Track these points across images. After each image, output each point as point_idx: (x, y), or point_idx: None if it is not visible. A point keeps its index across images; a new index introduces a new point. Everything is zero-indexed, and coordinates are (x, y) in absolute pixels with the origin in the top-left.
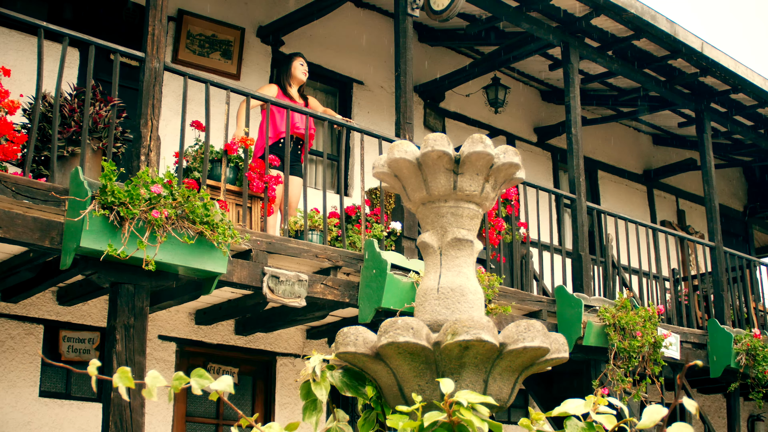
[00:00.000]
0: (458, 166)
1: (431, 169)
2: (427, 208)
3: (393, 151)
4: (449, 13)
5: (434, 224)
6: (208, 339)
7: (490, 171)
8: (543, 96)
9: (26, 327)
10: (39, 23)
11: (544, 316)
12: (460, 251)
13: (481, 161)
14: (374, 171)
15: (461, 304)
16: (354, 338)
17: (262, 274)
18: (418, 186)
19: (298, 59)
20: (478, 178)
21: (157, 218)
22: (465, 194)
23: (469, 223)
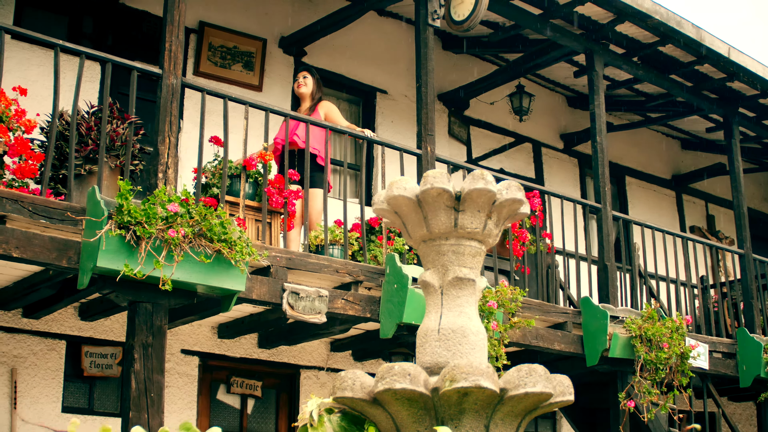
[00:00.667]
0: (459, 203)
1: (431, 207)
2: (427, 246)
3: (392, 188)
4: (470, 23)
5: (435, 262)
6: (231, 353)
7: (492, 207)
8: (569, 102)
9: (48, 343)
10: (55, 41)
11: (570, 328)
12: (462, 290)
13: (482, 198)
14: (374, 207)
15: (462, 346)
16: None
17: (281, 290)
18: (418, 223)
19: (297, 76)
20: (480, 215)
21: (174, 237)
22: (466, 232)
23: (471, 261)
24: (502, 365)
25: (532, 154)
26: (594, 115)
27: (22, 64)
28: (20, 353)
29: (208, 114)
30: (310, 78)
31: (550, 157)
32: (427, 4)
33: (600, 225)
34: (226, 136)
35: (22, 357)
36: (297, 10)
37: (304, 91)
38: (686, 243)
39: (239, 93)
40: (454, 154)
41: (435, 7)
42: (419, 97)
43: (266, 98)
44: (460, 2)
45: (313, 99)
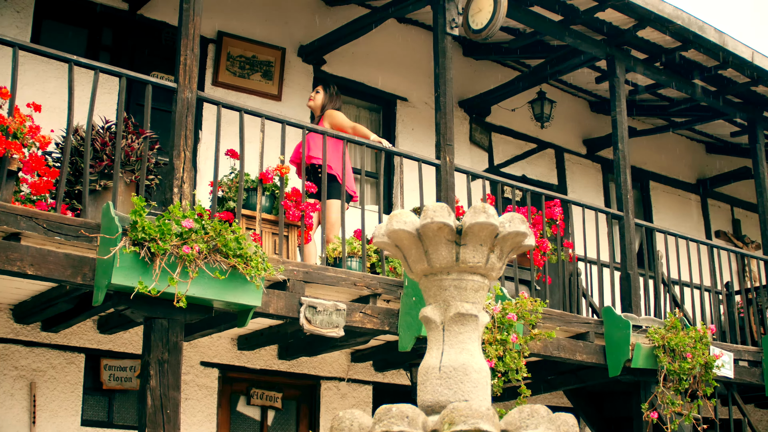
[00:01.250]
0: (461, 237)
1: (432, 241)
2: (429, 280)
3: (392, 222)
4: (488, 32)
5: (437, 297)
6: (251, 364)
7: (495, 241)
8: (591, 107)
9: (67, 356)
10: (69, 57)
11: (592, 338)
12: (464, 326)
13: (484, 232)
14: (375, 240)
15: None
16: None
17: (299, 304)
18: (419, 257)
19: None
20: (482, 249)
21: (189, 254)
22: (468, 266)
23: (473, 295)
24: (522, 378)
25: (554, 160)
26: (616, 121)
27: (40, 76)
28: (39, 367)
29: (228, 124)
30: (321, 93)
31: (573, 162)
32: (445, 13)
33: (622, 233)
34: (242, 149)
35: (41, 371)
36: (316, 18)
37: (312, 105)
38: (711, 250)
39: (258, 103)
40: (475, 161)
41: (453, 15)
42: (438, 106)
43: (285, 108)
44: (478, 11)
45: (322, 111)
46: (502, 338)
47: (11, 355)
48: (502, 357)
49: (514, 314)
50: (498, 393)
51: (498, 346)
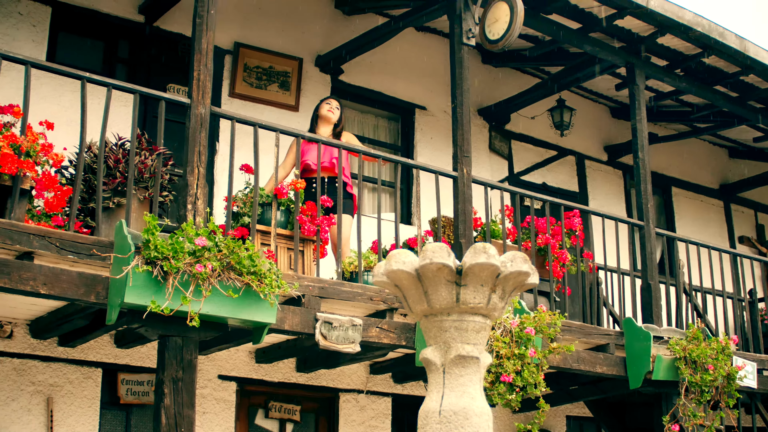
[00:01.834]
0: (461, 277)
1: (431, 282)
2: (429, 321)
3: (390, 262)
4: (505, 42)
5: (437, 339)
6: (269, 377)
7: (496, 281)
8: (612, 113)
9: (84, 371)
10: (81, 74)
11: (612, 350)
12: (465, 369)
13: (485, 272)
14: (374, 279)
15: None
16: None
17: (314, 320)
18: (418, 298)
19: (325, 100)
20: (483, 290)
21: (202, 272)
22: (469, 307)
23: (474, 337)
24: (540, 392)
25: (575, 167)
26: (636, 129)
27: (56, 90)
28: (56, 382)
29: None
30: (341, 111)
31: (594, 169)
32: (461, 23)
33: (643, 243)
34: (256, 164)
35: (59, 386)
36: (333, 28)
37: (332, 116)
38: (735, 258)
39: (275, 114)
40: (495, 169)
41: (470, 25)
42: (455, 117)
43: (303, 118)
44: (495, 21)
45: (335, 128)
46: (520, 353)
47: (28, 371)
48: (520, 372)
49: (533, 328)
50: (516, 408)
51: (516, 360)
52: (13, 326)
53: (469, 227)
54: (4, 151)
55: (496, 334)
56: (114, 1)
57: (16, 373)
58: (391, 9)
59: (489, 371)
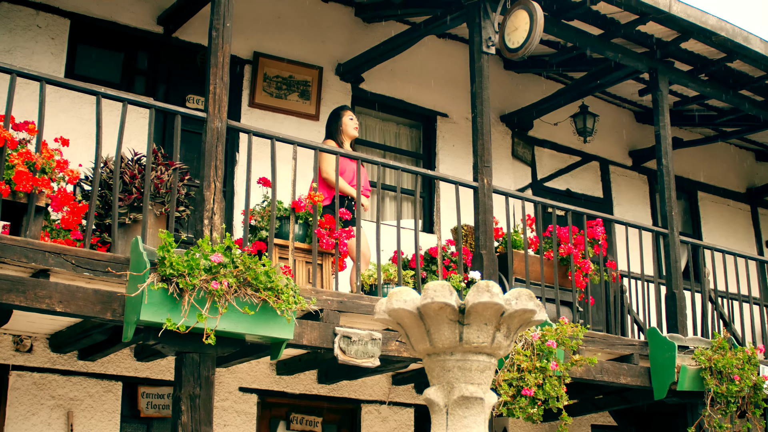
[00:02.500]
0: (464, 316)
1: (433, 321)
2: (432, 360)
3: (391, 300)
4: (524, 51)
5: (440, 378)
6: (290, 389)
7: (501, 319)
8: (637, 117)
9: (104, 384)
10: (96, 90)
11: (636, 360)
12: (469, 410)
13: (488, 311)
14: (376, 316)
15: None
16: None
17: (333, 334)
18: (421, 337)
19: (346, 113)
20: (487, 328)
21: (218, 289)
22: (473, 346)
23: (479, 376)
24: (563, 406)
25: (599, 172)
26: (659, 136)
27: (75, 103)
28: (76, 396)
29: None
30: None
31: (618, 174)
32: (481, 32)
33: (667, 251)
34: (273, 177)
35: (79, 399)
36: (354, 36)
37: (357, 133)
38: (762, 265)
39: (296, 124)
40: (518, 176)
41: (490, 33)
42: (475, 127)
43: (323, 127)
44: (514, 29)
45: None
46: (541, 366)
47: (48, 385)
48: (542, 385)
49: (554, 341)
50: (538, 421)
51: (537, 373)
52: (33, 340)
53: (490, 238)
54: (19, 169)
55: (517, 347)
56: (132, 13)
57: (36, 387)
58: (411, 17)
59: (510, 384)
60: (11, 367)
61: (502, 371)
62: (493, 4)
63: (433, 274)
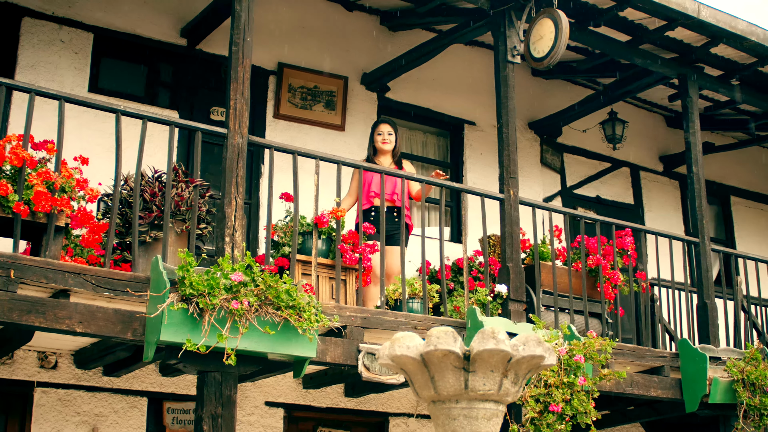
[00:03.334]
0: (469, 363)
1: (437, 368)
2: (437, 407)
3: (394, 346)
4: (550, 60)
5: (445, 427)
6: (317, 403)
7: (508, 365)
8: (667, 122)
9: (129, 400)
10: (116, 107)
11: (667, 372)
12: None
13: (494, 358)
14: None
15: None
16: None
17: (357, 351)
18: (425, 383)
19: (378, 128)
20: (493, 375)
21: (238, 309)
22: (479, 394)
23: (486, 425)
24: (591, 421)
25: (630, 178)
26: (689, 143)
27: (98, 117)
28: (101, 412)
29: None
30: (394, 135)
31: (649, 180)
32: (506, 41)
33: (698, 260)
34: (296, 192)
35: (104, 415)
36: (379, 45)
37: (389, 148)
38: None
39: (321, 134)
40: (546, 183)
41: (514, 42)
42: (500, 137)
43: (349, 137)
44: (539, 38)
45: (394, 156)
46: (569, 381)
47: (73, 401)
48: (570, 400)
49: (582, 355)
50: None
51: (565, 389)
52: (58, 357)
53: (517, 250)
54: (38, 189)
55: None
56: (156, 25)
57: (61, 403)
58: (437, 24)
59: (537, 400)
60: (36, 384)
61: (529, 387)
62: (518, 12)
63: (460, 286)
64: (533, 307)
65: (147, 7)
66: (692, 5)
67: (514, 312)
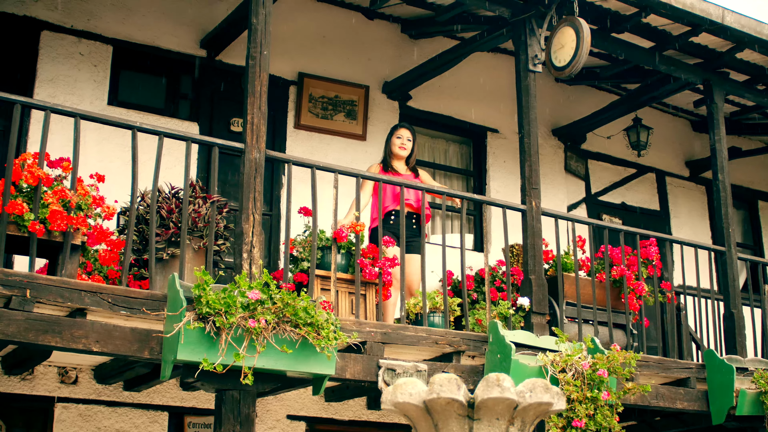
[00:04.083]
0: (474, 410)
1: (441, 415)
2: None
3: (396, 393)
4: (571, 69)
5: None
6: (339, 416)
7: (514, 413)
8: (693, 126)
9: (150, 415)
10: (132, 123)
11: (693, 384)
12: None
13: (500, 405)
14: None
15: None
16: None
17: (377, 367)
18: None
19: (396, 132)
20: (499, 423)
21: (255, 327)
22: None
23: None
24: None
25: (655, 184)
26: (715, 150)
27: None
28: (122, 427)
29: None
30: (412, 141)
31: (676, 186)
32: (527, 49)
33: (724, 270)
34: (314, 207)
35: (125, 430)
36: (400, 53)
37: (404, 154)
38: None
39: (342, 144)
40: (571, 191)
41: (536, 51)
42: (522, 148)
43: (371, 147)
44: (561, 47)
45: (408, 163)
46: (592, 396)
47: (94, 416)
48: (593, 415)
49: (605, 370)
50: None
51: (588, 404)
52: (78, 372)
53: (539, 262)
54: (53, 208)
55: (567, 377)
56: (176, 37)
57: (82, 419)
58: (458, 32)
59: (560, 415)
60: (56, 399)
61: None
62: (539, 20)
63: (483, 297)
64: (556, 319)
65: (166, 18)
66: (716, 11)
67: (536, 325)
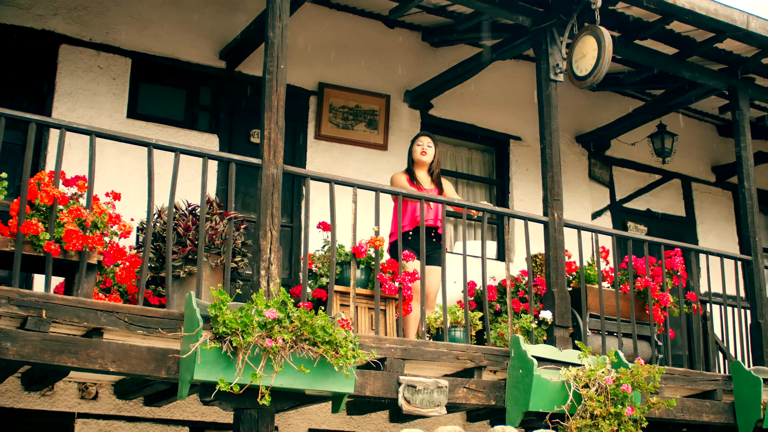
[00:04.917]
0: None
1: None
2: None
3: None
4: (593, 79)
5: None
6: (361, 429)
7: None
8: (719, 131)
9: (171, 430)
10: (147, 140)
11: (720, 396)
12: None
13: None
14: None
15: None
16: None
17: (397, 384)
18: None
19: (417, 140)
20: None
21: (272, 347)
22: None
23: None
24: None
25: (681, 190)
26: (740, 157)
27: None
28: None
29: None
30: (434, 147)
31: (702, 191)
32: (548, 59)
33: (751, 279)
34: (333, 221)
35: None
36: (421, 62)
37: (427, 159)
38: None
39: (363, 154)
40: (595, 198)
41: (557, 60)
42: (543, 158)
43: (392, 156)
44: (582, 56)
45: (431, 170)
46: (616, 411)
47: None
48: (617, 431)
49: (629, 385)
50: None
51: (612, 419)
52: (98, 387)
53: (562, 275)
54: (69, 228)
55: (590, 392)
56: (195, 49)
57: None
58: (480, 40)
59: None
60: (77, 415)
61: (574, 418)
62: (560, 29)
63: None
64: (579, 332)
65: (185, 30)
66: (741, 17)
67: (559, 338)
